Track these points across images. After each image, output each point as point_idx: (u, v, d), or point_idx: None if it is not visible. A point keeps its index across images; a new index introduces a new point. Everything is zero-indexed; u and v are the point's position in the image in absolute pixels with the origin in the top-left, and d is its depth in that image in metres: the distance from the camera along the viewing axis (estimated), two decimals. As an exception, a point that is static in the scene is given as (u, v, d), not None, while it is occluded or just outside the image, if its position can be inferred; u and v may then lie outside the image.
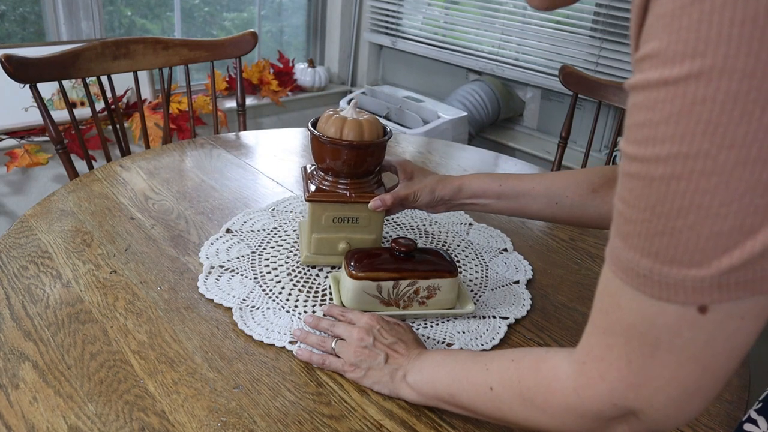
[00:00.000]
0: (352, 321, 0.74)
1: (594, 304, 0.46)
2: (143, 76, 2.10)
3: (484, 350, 0.75)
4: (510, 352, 0.59)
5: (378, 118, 0.88)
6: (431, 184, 0.85)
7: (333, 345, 0.72)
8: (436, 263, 0.80)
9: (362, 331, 0.71)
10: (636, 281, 0.40)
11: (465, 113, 2.30)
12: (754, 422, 0.66)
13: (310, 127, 0.84)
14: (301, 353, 0.72)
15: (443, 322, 0.81)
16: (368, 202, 0.85)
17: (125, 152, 1.41)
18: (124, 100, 2.08)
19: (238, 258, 0.90)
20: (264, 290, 0.84)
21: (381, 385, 0.68)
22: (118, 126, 1.41)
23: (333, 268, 0.90)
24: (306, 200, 0.84)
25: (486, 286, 0.90)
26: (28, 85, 1.25)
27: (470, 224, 1.08)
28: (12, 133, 1.91)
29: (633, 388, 0.44)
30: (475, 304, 0.85)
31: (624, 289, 0.41)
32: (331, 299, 0.83)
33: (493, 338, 0.79)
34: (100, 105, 1.91)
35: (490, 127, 2.48)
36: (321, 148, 0.83)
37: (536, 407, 0.53)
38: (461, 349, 0.75)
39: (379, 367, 0.68)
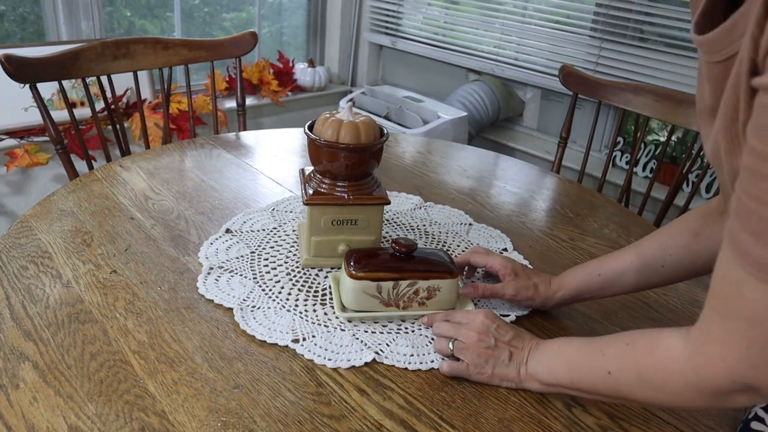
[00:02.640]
0: (464, 322, 0.74)
1: (711, 289, 0.50)
2: (143, 76, 2.10)
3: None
4: (623, 336, 0.62)
5: (375, 119, 0.88)
6: (534, 284, 0.83)
7: (451, 347, 0.72)
8: (436, 264, 0.80)
9: (482, 333, 0.71)
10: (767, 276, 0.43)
11: (465, 113, 2.30)
12: (762, 420, 0.66)
13: (307, 131, 0.84)
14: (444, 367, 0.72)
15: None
16: (367, 204, 0.85)
17: (125, 152, 1.41)
18: (124, 100, 2.08)
19: (237, 258, 0.90)
20: (264, 290, 0.84)
21: (509, 382, 0.70)
22: (118, 126, 1.41)
23: (333, 269, 0.90)
24: (304, 203, 0.84)
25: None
26: (28, 85, 1.25)
27: (470, 224, 1.08)
28: (12, 133, 1.91)
29: (753, 368, 0.48)
30: (475, 304, 0.85)
31: (749, 281, 0.45)
32: (331, 299, 0.83)
33: (493, 338, 0.78)
34: (100, 105, 1.91)
35: (490, 127, 2.48)
36: (318, 151, 0.83)
37: (654, 387, 0.56)
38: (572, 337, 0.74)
39: (505, 365, 0.70)
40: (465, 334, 0.72)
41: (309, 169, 0.90)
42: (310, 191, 0.85)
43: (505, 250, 1.00)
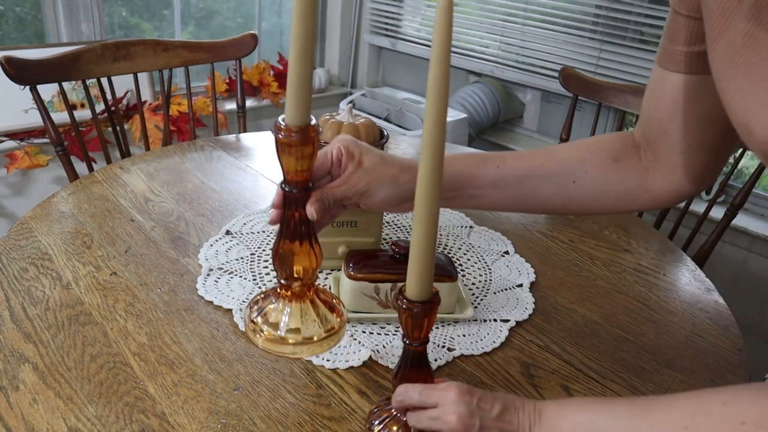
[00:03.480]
0: (437, 402, 0.56)
1: None
2: (143, 77, 2.10)
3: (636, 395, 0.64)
4: (710, 405, 0.46)
5: (375, 120, 0.88)
6: (392, 172, 0.63)
7: None
8: (435, 267, 0.80)
9: (464, 416, 0.54)
10: None
11: (465, 115, 2.30)
12: None
13: None
14: None
15: (444, 326, 0.81)
16: None
17: (125, 154, 1.41)
18: (124, 101, 2.09)
19: (237, 260, 0.90)
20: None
21: None
22: (118, 128, 1.41)
23: (332, 270, 0.90)
24: None
25: (488, 290, 0.90)
26: (28, 87, 1.25)
27: (471, 227, 1.08)
28: (12, 135, 1.91)
29: None
30: (475, 308, 0.85)
31: None
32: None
33: (494, 341, 0.78)
34: (100, 107, 1.91)
35: (490, 128, 2.48)
36: None
37: None
38: (595, 398, 0.60)
39: None
40: (445, 423, 0.55)
41: None
42: None
43: (507, 252, 1.00)
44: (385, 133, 0.86)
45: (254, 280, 0.86)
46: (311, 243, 0.59)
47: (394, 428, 0.60)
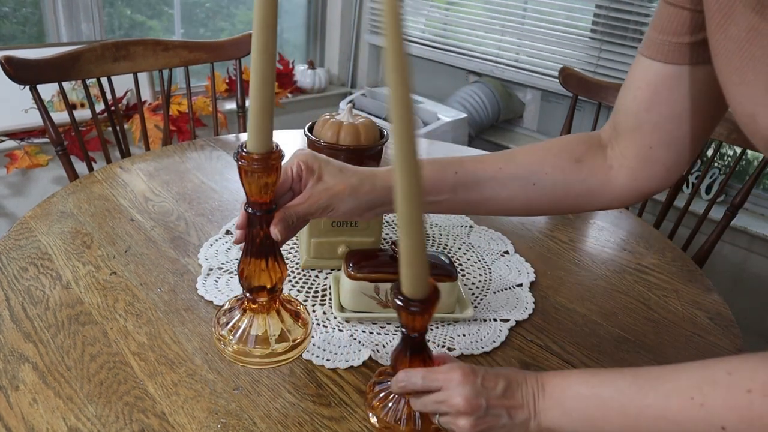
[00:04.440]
0: (441, 385, 0.55)
1: None
2: (143, 77, 2.10)
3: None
4: (715, 367, 0.46)
5: (375, 120, 0.88)
6: (352, 184, 0.64)
7: (437, 420, 0.57)
8: (435, 267, 0.80)
9: (470, 398, 0.53)
10: None
11: (465, 115, 2.30)
12: None
13: (307, 132, 0.84)
14: None
15: (444, 326, 0.81)
16: None
17: (125, 154, 1.41)
18: (124, 101, 2.09)
19: (237, 259, 0.90)
20: (264, 292, 0.84)
21: None
22: (118, 128, 1.41)
23: (332, 270, 0.90)
24: None
25: (488, 289, 0.90)
26: (28, 87, 1.25)
27: (471, 227, 1.08)
28: (12, 135, 1.91)
29: None
30: (475, 307, 0.85)
31: None
32: (330, 299, 0.83)
33: (494, 341, 0.78)
34: (100, 107, 1.91)
35: (490, 128, 2.48)
36: (318, 152, 0.83)
37: None
38: (598, 369, 0.58)
39: (506, 429, 0.54)
40: (450, 405, 0.54)
41: None
42: None
43: (507, 252, 1.00)
44: (385, 133, 0.86)
45: (254, 279, 0.86)
46: (276, 259, 0.61)
47: (398, 410, 0.59)
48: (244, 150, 0.55)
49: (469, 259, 0.97)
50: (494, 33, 2.40)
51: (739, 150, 1.32)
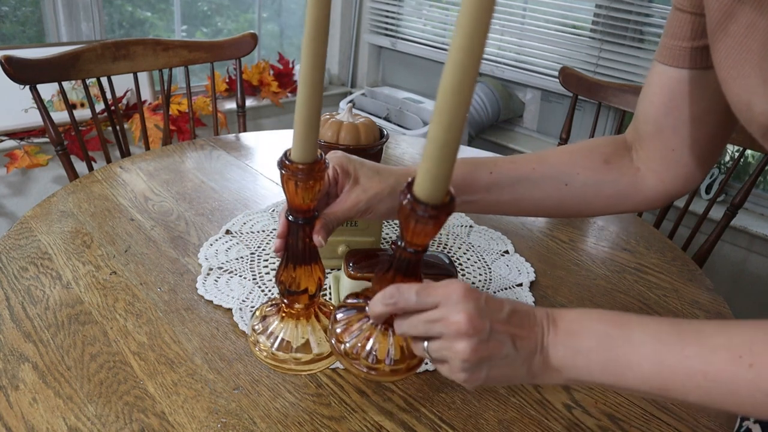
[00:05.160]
0: (438, 301, 0.47)
1: None
2: (143, 77, 2.10)
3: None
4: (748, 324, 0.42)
5: (375, 120, 0.88)
6: (390, 185, 0.62)
7: (425, 348, 0.49)
8: (435, 266, 0.80)
9: (473, 316, 0.45)
10: None
11: (465, 114, 2.30)
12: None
13: None
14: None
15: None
16: None
17: (125, 153, 1.41)
18: (124, 101, 2.09)
19: (237, 259, 0.90)
20: (263, 291, 0.84)
21: (511, 381, 0.49)
22: (118, 127, 1.41)
23: (332, 270, 0.90)
24: None
25: (488, 289, 0.90)
26: (28, 87, 1.25)
27: (471, 226, 1.08)
28: (12, 135, 1.91)
29: None
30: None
31: None
32: (330, 299, 0.83)
33: (493, 339, 0.78)
34: (100, 106, 1.91)
35: (490, 128, 2.48)
36: None
37: None
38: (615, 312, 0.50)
39: (510, 361, 0.47)
40: (448, 325, 0.46)
41: None
42: None
43: (507, 252, 1.00)
44: (385, 133, 0.86)
45: (254, 279, 0.86)
46: (317, 264, 0.61)
47: (368, 339, 0.52)
48: (288, 159, 0.53)
49: (469, 259, 0.97)
50: (494, 33, 2.40)
51: (739, 150, 1.32)
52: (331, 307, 0.67)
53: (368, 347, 0.52)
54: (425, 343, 0.49)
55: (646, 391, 0.45)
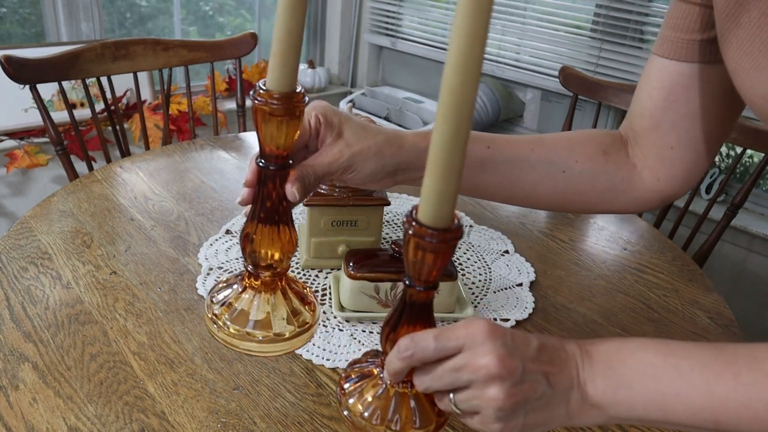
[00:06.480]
0: (459, 346, 0.42)
1: None
2: (143, 77, 2.10)
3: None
4: None
5: (375, 120, 0.88)
6: (377, 143, 0.56)
7: (451, 401, 0.43)
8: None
9: (503, 356, 0.41)
10: None
11: (465, 114, 2.30)
12: None
13: None
14: None
15: (443, 325, 0.81)
16: (367, 205, 0.85)
17: (125, 153, 1.41)
18: (124, 101, 2.08)
19: (237, 259, 0.90)
20: (264, 291, 0.84)
21: (548, 425, 0.44)
22: (117, 127, 1.41)
23: (332, 270, 0.90)
24: (304, 205, 0.84)
25: (488, 289, 0.90)
26: (27, 86, 1.25)
27: (471, 226, 1.08)
28: (12, 134, 1.91)
29: None
30: (475, 307, 0.85)
31: None
32: (330, 299, 0.83)
33: (493, 339, 0.78)
34: (99, 106, 1.91)
35: (490, 128, 2.48)
36: None
37: None
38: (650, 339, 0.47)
39: (546, 401, 0.43)
40: (476, 373, 0.41)
41: None
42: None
43: (507, 252, 1.00)
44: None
45: (254, 279, 0.86)
46: (288, 225, 0.52)
47: (388, 403, 0.46)
48: (263, 87, 0.46)
49: (469, 259, 0.97)
50: (494, 32, 2.40)
51: (739, 149, 1.32)
52: (304, 288, 0.57)
53: (390, 413, 0.46)
54: (451, 395, 0.43)
55: (695, 425, 0.42)
